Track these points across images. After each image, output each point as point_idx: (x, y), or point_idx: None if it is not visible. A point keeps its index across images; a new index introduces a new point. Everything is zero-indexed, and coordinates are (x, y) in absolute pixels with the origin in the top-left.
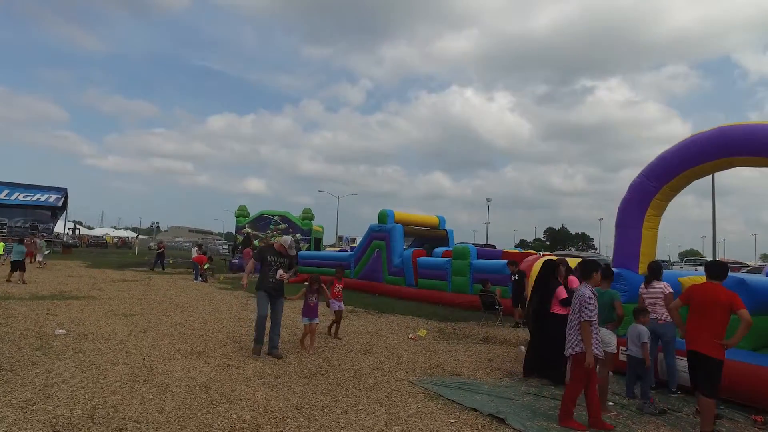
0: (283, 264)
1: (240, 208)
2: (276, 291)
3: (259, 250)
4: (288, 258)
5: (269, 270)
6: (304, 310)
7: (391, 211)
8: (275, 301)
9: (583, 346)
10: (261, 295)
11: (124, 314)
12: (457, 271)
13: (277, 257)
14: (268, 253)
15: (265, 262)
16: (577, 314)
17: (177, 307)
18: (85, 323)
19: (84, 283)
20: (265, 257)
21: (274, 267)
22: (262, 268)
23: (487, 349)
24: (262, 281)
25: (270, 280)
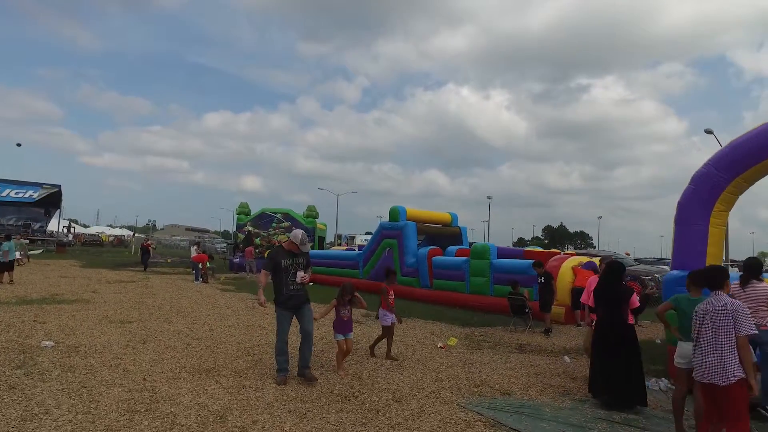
0: (300, 264)
1: (241, 206)
2: (299, 300)
3: (269, 257)
4: (303, 256)
5: (286, 277)
6: (336, 325)
7: (402, 208)
8: (301, 310)
9: (743, 369)
10: (280, 314)
11: (121, 321)
12: (476, 272)
13: (291, 259)
14: (281, 257)
15: (279, 268)
16: (730, 328)
17: (178, 312)
18: (76, 332)
19: (77, 285)
20: (278, 263)
21: (291, 271)
22: (276, 277)
23: (528, 361)
24: (281, 291)
25: (291, 288)
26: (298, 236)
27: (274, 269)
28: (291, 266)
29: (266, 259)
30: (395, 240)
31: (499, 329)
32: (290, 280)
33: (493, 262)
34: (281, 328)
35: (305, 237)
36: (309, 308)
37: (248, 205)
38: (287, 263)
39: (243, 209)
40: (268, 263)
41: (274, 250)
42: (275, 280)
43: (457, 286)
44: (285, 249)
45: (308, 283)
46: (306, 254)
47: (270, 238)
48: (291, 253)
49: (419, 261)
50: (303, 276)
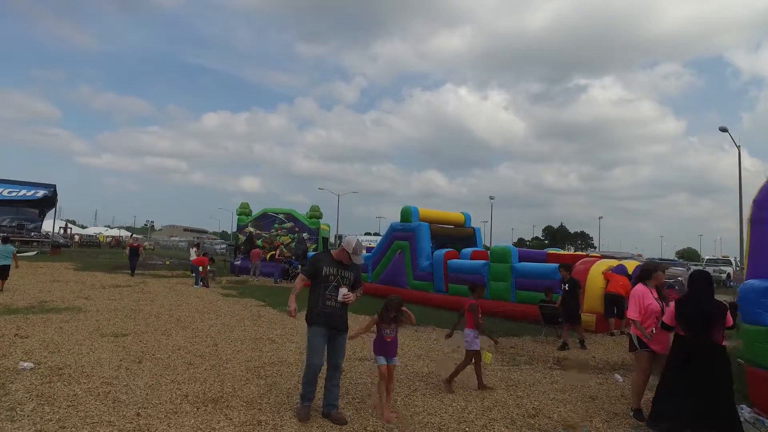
0: (346, 279)
1: (242, 206)
2: (338, 322)
3: (312, 260)
4: (353, 270)
5: (326, 289)
6: (378, 345)
7: (415, 208)
8: (335, 337)
9: None
10: (315, 332)
11: (114, 334)
12: (496, 276)
13: (337, 269)
14: (324, 263)
15: (320, 276)
16: None
17: (178, 322)
18: (62, 349)
19: (69, 290)
20: (319, 269)
21: (332, 284)
22: (314, 286)
23: (577, 379)
24: (314, 307)
25: (327, 304)
26: (351, 244)
27: (314, 276)
28: (334, 278)
29: (309, 263)
30: (407, 242)
31: (527, 339)
32: (329, 294)
33: (514, 265)
34: (314, 350)
35: (360, 246)
36: (344, 339)
37: (249, 206)
38: (330, 272)
39: (244, 209)
40: (309, 268)
41: (319, 254)
42: (312, 290)
43: None
44: (333, 256)
45: (351, 303)
46: (357, 268)
47: (272, 240)
48: (339, 263)
49: (435, 264)
50: (346, 294)
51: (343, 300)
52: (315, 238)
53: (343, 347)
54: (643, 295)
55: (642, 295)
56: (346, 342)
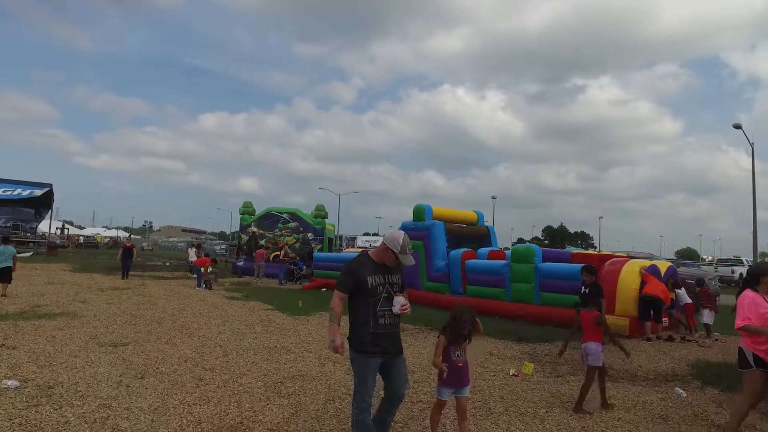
0: (396, 285)
1: (245, 205)
2: (396, 344)
3: (349, 270)
4: (400, 272)
5: (376, 304)
6: (445, 374)
7: (428, 207)
8: (393, 362)
9: None
10: (368, 364)
11: (112, 343)
12: (518, 277)
13: (383, 275)
14: (367, 272)
15: (364, 289)
16: None
17: (183, 328)
18: (53, 363)
19: (65, 293)
20: (362, 280)
21: (383, 296)
22: (358, 303)
23: (634, 395)
24: (363, 330)
25: (381, 323)
26: (398, 240)
27: (356, 290)
28: (383, 287)
29: (344, 273)
30: (421, 242)
31: (557, 344)
32: (381, 311)
33: (538, 266)
34: (368, 388)
35: (408, 242)
36: (403, 362)
37: (252, 205)
38: (377, 282)
39: (247, 209)
40: (348, 280)
41: (357, 261)
42: (355, 308)
43: (494, 293)
44: (374, 260)
45: (407, 313)
46: (403, 269)
47: (276, 240)
48: (383, 267)
49: (451, 264)
50: (404, 304)
51: (401, 312)
52: (320, 238)
53: (405, 374)
54: (754, 301)
55: (753, 302)
56: (406, 366)
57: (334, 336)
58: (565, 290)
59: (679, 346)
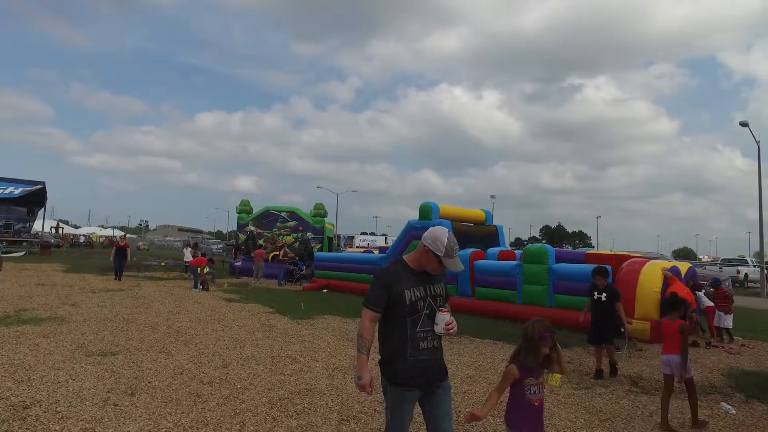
0: (439, 298)
1: (242, 204)
2: (439, 372)
3: (381, 280)
4: (442, 281)
5: (415, 324)
6: (518, 415)
7: (435, 205)
8: (436, 394)
9: None
10: (404, 397)
11: (101, 352)
12: (530, 278)
13: (424, 287)
14: (404, 283)
15: (401, 304)
16: None
17: (178, 334)
18: (33, 377)
19: (54, 295)
20: (398, 295)
21: (424, 313)
22: (393, 323)
23: (677, 409)
24: (399, 356)
25: (423, 347)
26: (441, 239)
27: (392, 306)
28: (424, 302)
29: (373, 286)
30: None
31: (579, 352)
32: (422, 332)
33: (552, 267)
34: (399, 425)
35: (454, 243)
36: (447, 393)
37: (250, 203)
38: (417, 295)
39: (244, 207)
40: (379, 295)
41: (389, 270)
42: (389, 330)
43: (505, 295)
44: (411, 267)
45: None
46: (445, 277)
47: (274, 239)
48: (423, 276)
49: None
50: (449, 322)
51: (445, 331)
52: (320, 237)
53: (449, 407)
54: None
55: None
56: (450, 399)
57: (362, 371)
58: (580, 292)
59: (706, 352)
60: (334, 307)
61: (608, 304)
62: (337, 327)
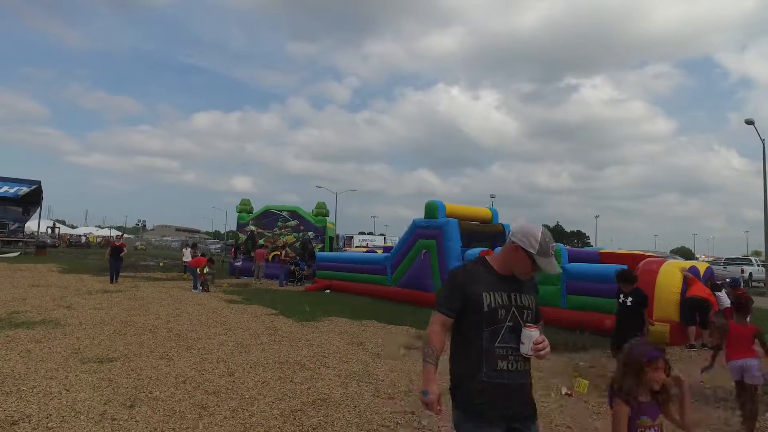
0: (527, 311)
1: (243, 203)
2: (523, 404)
3: (453, 280)
4: (531, 290)
5: (494, 337)
6: None
7: (441, 203)
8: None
9: None
10: (476, 429)
11: (98, 359)
12: (542, 279)
13: (508, 293)
14: (481, 285)
15: (477, 312)
16: None
17: (179, 338)
18: (23, 388)
19: (49, 297)
20: (475, 298)
21: (506, 325)
22: (464, 335)
23: (723, 421)
24: (471, 377)
25: (502, 368)
26: (535, 234)
27: (466, 312)
28: (506, 311)
29: (446, 287)
30: (434, 240)
31: (599, 355)
32: (502, 349)
33: (565, 266)
34: None
35: (550, 239)
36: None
37: (250, 202)
38: (497, 302)
39: (245, 206)
40: (452, 296)
41: (466, 269)
42: (461, 341)
43: None
44: (492, 268)
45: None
46: (534, 284)
47: (275, 239)
48: (509, 280)
49: None
50: (538, 341)
51: (534, 353)
52: (321, 237)
53: None
54: None
55: None
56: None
57: (429, 384)
58: (595, 293)
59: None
60: (339, 308)
61: (634, 309)
62: (345, 329)
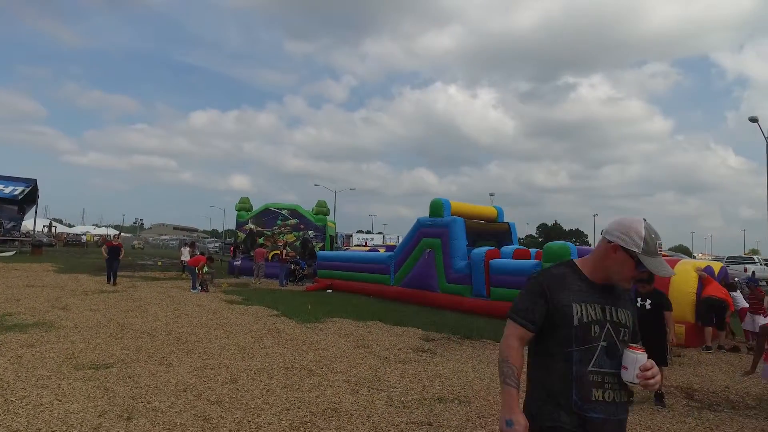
0: (623, 328)
1: (242, 201)
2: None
3: (534, 286)
4: (627, 301)
5: (584, 361)
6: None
7: (447, 201)
8: None
9: None
10: None
11: (93, 365)
12: None
13: (605, 309)
14: (571, 294)
15: (565, 326)
16: None
17: (179, 342)
18: (12, 398)
19: (44, 298)
20: (562, 309)
21: (600, 344)
22: (546, 354)
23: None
24: (551, 408)
25: (596, 399)
26: (638, 230)
27: (551, 326)
28: (601, 328)
29: (526, 294)
30: (439, 239)
31: None
32: (596, 373)
33: None
34: None
35: (656, 235)
36: None
37: (249, 200)
38: (590, 316)
39: (244, 205)
40: (533, 306)
41: (551, 274)
42: (543, 361)
43: None
44: (584, 274)
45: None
46: (630, 296)
47: (275, 237)
48: (603, 289)
49: (473, 265)
50: (648, 368)
51: (641, 381)
52: (322, 235)
53: None
54: None
55: None
56: None
57: (513, 412)
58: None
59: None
60: (342, 308)
61: (654, 314)
62: (350, 331)
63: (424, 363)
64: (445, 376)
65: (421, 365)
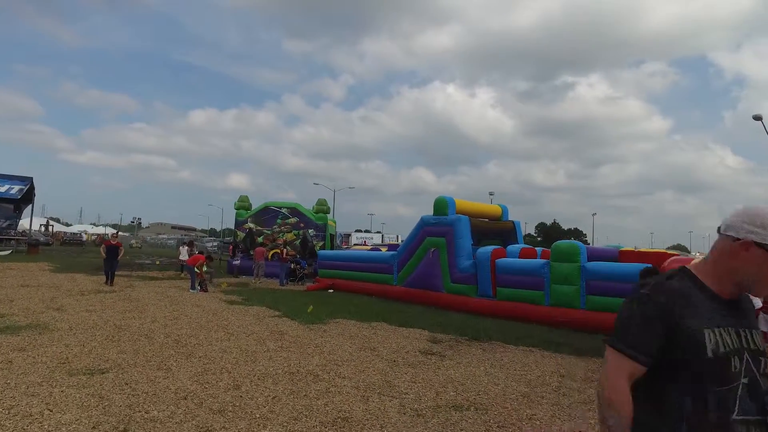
0: (764, 357)
1: (241, 200)
2: None
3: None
4: (755, 322)
5: (727, 403)
6: None
7: (451, 199)
8: None
9: None
10: None
11: (88, 370)
12: (559, 278)
13: (739, 333)
14: (701, 317)
15: (693, 354)
16: None
17: (178, 345)
18: (1, 407)
19: (39, 298)
20: (691, 337)
21: (740, 383)
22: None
23: None
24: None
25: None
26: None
27: (673, 361)
28: (741, 360)
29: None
30: (443, 238)
31: None
32: (741, 423)
33: (584, 265)
34: None
35: None
36: None
37: (248, 199)
38: (728, 346)
39: (243, 203)
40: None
41: (665, 286)
42: (663, 404)
43: (531, 296)
44: (707, 287)
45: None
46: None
47: (275, 236)
48: (732, 306)
49: (479, 264)
50: None
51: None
52: (322, 234)
53: None
54: None
55: None
56: None
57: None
58: (615, 293)
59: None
60: (345, 309)
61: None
62: (355, 333)
63: (434, 366)
64: (458, 380)
65: (431, 369)
